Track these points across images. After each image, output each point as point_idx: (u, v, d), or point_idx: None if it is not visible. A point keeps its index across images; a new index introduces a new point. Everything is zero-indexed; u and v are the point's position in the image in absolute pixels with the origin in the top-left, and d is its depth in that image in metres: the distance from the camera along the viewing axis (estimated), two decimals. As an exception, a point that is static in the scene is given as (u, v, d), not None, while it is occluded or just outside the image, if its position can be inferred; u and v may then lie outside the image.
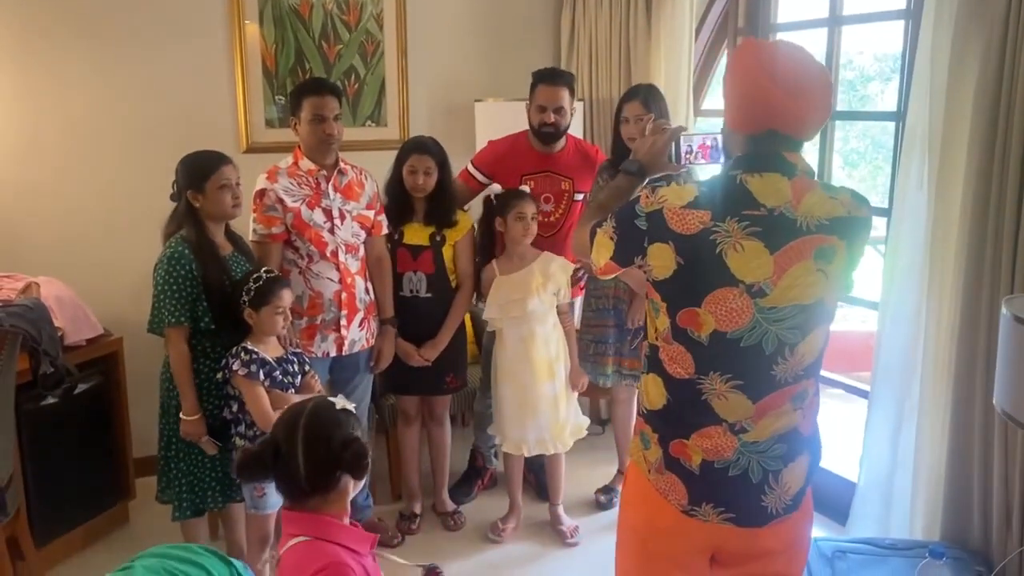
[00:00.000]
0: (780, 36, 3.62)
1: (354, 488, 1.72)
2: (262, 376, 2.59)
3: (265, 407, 2.57)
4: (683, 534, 1.68)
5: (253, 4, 3.75)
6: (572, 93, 3.32)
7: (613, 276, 1.80)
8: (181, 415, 2.63)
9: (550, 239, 3.36)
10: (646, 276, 1.67)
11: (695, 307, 1.58)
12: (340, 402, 1.73)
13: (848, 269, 1.63)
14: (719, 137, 1.87)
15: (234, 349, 2.62)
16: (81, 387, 3.12)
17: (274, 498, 2.67)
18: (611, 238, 1.68)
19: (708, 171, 2.01)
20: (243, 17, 3.74)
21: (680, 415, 1.66)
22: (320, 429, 1.66)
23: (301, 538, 1.63)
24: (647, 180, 1.87)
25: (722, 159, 1.89)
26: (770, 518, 1.66)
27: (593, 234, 1.74)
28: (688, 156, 1.90)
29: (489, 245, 3.29)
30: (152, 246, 2.75)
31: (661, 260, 1.59)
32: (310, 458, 1.64)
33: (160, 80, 3.64)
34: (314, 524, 1.65)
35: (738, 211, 1.55)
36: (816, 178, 1.63)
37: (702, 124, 4.11)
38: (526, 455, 3.27)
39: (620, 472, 3.66)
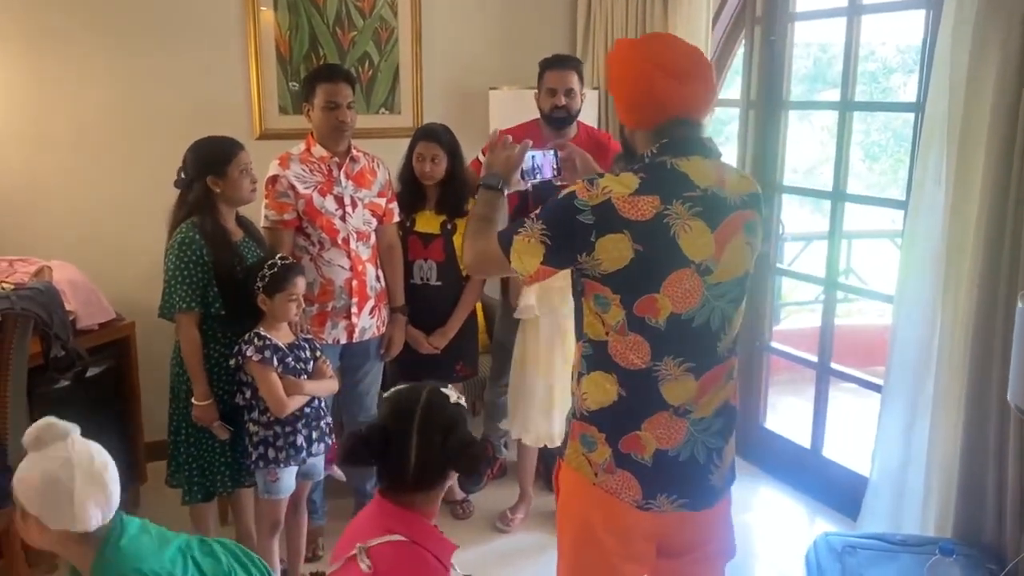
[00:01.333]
0: (798, 25, 3.58)
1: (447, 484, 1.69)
2: (275, 362, 2.60)
3: (279, 393, 2.58)
4: (637, 528, 1.69)
5: (268, -11, 3.75)
6: (581, 78, 3.30)
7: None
8: (193, 400, 2.64)
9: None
10: (585, 274, 1.64)
11: (653, 293, 1.59)
12: (453, 395, 1.68)
13: (760, 240, 1.73)
14: (554, 153, 2.00)
15: (247, 335, 2.62)
16: (93, 371, 3.14)
17: (287, 483, 2.68)
18: (542, 242, 1.62)
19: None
20: (258, 3, 3.73)
21: (631, 407, 1.66)
22: (437, 424, 1.62)
23: (398, 537, 1.57)
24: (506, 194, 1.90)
25: (559, 174, 2.02)
26: (718, 496, 1.73)
27: (507, 243, 1.68)
28: (536, 171, 1.98)
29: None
30: (163, 231, 2.75)
31: (614, 252, 1.57)
32: (423, 453, 1.59)
33: (174, 66, 3.64)
34: (412, 524, 1.60)
35: (680, 193, 1.59)
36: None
37: (719, 114, 4.08)
38: (550, 446, 3.23)
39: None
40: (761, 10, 3.64)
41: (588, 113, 3.70)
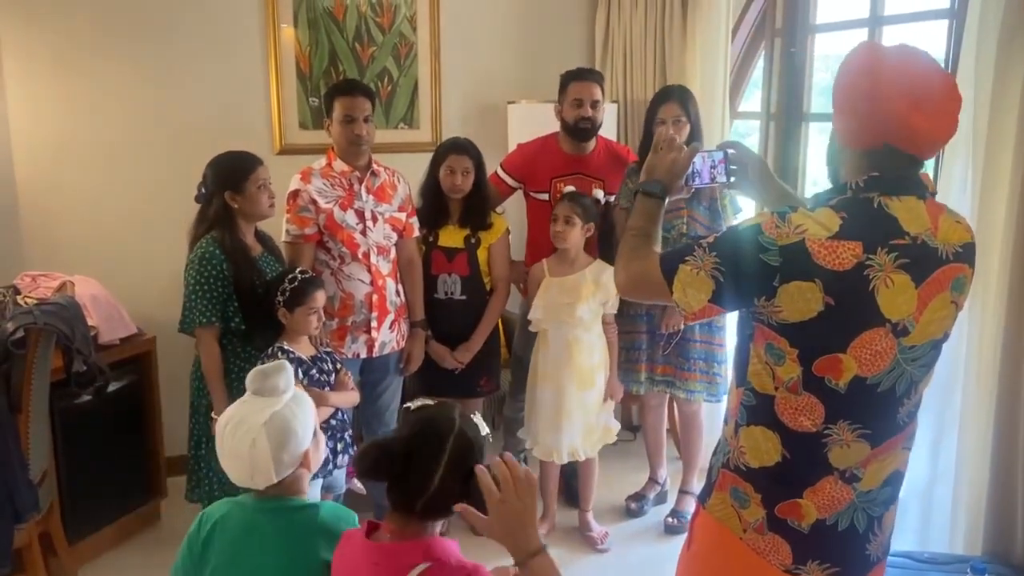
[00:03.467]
0: (819, 37, 3.56)
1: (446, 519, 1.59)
2: (300, 375, 2.61)
3: None
4: None
5: (288, 7, 3.77)
6: (603, 90, 3.30)
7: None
8: (212, 415, 2.64)
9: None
10: (759, 318, 1.46)
11: (839, 353, 1.40)
12: (483, 426, 1.57)
13: (966, 298, 1.51)
14: (723, 155, 1.79)
15: (269, 349, 2.64)
16: (114, 385, 3.14)
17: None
18: (713, 276, 1.43)
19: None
20: (278, 20, 3.76)
21: (794, 473, 1.49)
22: (468, 455, 1.48)
23: (423, 566, 1.46)
24: (666, 202, 1.71)
25: (726, 180, 1.82)
26: (871, 566, 1.58)
27: (670, 269, 1.49)
28: (696, 176, 1.78)
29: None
30: (185, 247, 2.77)
31: (799, 301, 1.38)
32: (445, 482, 1.45)
33: (196, 82, 3.67)
34: (429, 546, 1.49)
35: (886, 241, 1.37)
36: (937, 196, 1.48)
37: (739, 127, 4.05)
38: (557, 462, 3.22)
39: (651, 479, 3.61)
40: (781, 22, 3.62)
41: (607, 126, 3.69)
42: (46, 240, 3.53)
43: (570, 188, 3.19)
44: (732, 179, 1.83)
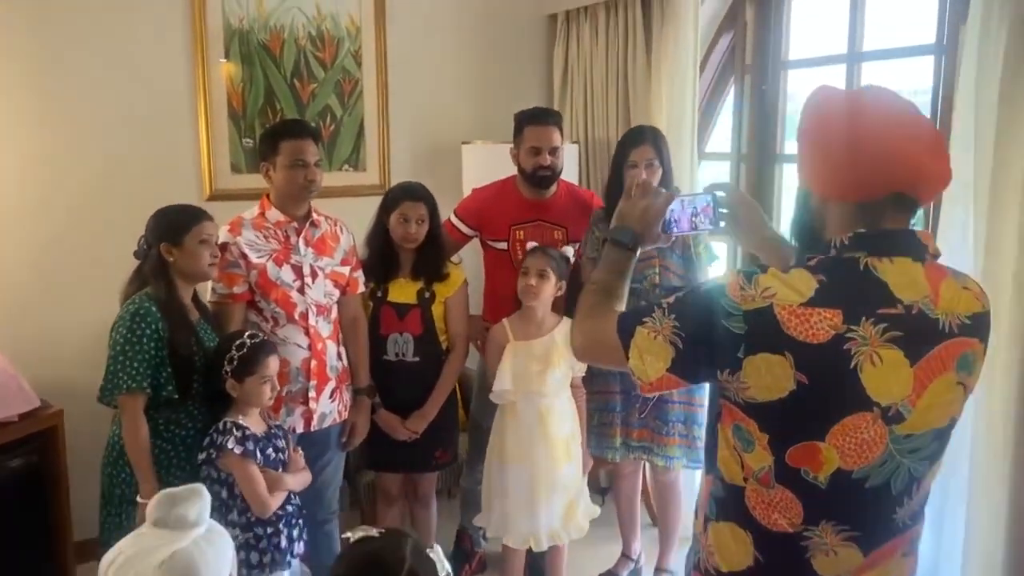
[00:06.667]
0: (792, 74, 3.38)
1: None
2: (258, 455, 2.35)
3: (262, 491, 2.33)
4: None
5: (219, 40, 3.48)
6: (562, 133, 3.06)
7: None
8: (138, 499, 2.27)
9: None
10: (725, 394, 1.28)
11: (816, 440, 1.21)
12: (443, 562, 1.38)
13: (977, 379, 1.30)
14: (710, 199, 1.58)
15: (220, 425, 2.35)
16: (15, 463, 2.78)
17: None
18: (671, 342, 1.26)
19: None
20: (208, 54, 3.45)
21: None
22: None
23: None
24: (639, 253, 1.55)
25: (711, 227, 1.61)
26: None
27: (627, 332, 1.32)
28: (673, 224, 1.59)
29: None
30: (100, 306, 2.50)
31: (767, 378, 1.20)
32: None
33: (115, 122, 3.32)
34: None
35: (873, 309, 1.20)
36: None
37: (707, 167, 3.84)
38: (535, 549, 2.88)
39: (624, 555, 3.31)
40: (751, 58, 3.45)
41: (569, 168, 3.46)
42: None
43: (533, 244, 2.91)
44: (722, 224, 1.62)
